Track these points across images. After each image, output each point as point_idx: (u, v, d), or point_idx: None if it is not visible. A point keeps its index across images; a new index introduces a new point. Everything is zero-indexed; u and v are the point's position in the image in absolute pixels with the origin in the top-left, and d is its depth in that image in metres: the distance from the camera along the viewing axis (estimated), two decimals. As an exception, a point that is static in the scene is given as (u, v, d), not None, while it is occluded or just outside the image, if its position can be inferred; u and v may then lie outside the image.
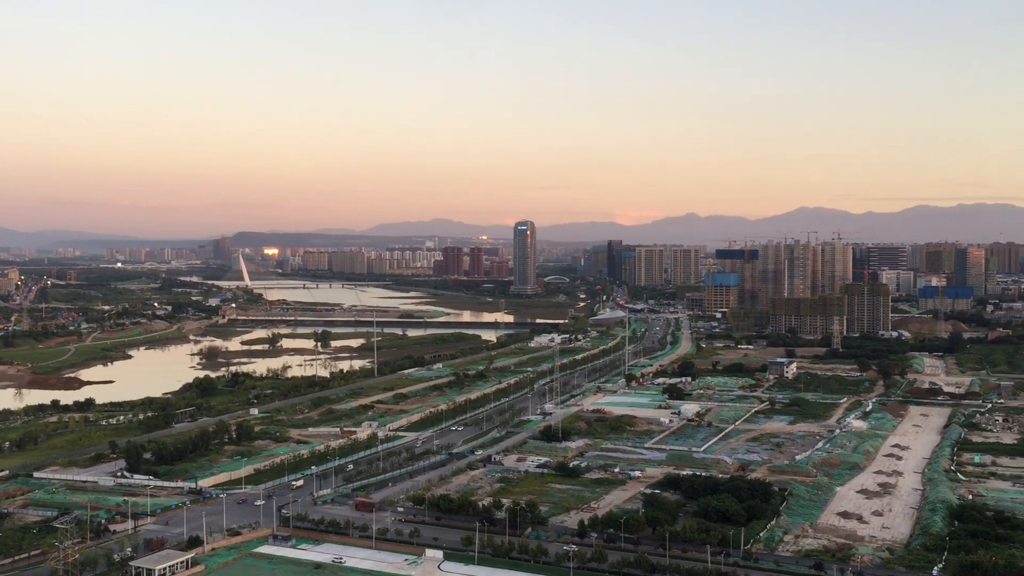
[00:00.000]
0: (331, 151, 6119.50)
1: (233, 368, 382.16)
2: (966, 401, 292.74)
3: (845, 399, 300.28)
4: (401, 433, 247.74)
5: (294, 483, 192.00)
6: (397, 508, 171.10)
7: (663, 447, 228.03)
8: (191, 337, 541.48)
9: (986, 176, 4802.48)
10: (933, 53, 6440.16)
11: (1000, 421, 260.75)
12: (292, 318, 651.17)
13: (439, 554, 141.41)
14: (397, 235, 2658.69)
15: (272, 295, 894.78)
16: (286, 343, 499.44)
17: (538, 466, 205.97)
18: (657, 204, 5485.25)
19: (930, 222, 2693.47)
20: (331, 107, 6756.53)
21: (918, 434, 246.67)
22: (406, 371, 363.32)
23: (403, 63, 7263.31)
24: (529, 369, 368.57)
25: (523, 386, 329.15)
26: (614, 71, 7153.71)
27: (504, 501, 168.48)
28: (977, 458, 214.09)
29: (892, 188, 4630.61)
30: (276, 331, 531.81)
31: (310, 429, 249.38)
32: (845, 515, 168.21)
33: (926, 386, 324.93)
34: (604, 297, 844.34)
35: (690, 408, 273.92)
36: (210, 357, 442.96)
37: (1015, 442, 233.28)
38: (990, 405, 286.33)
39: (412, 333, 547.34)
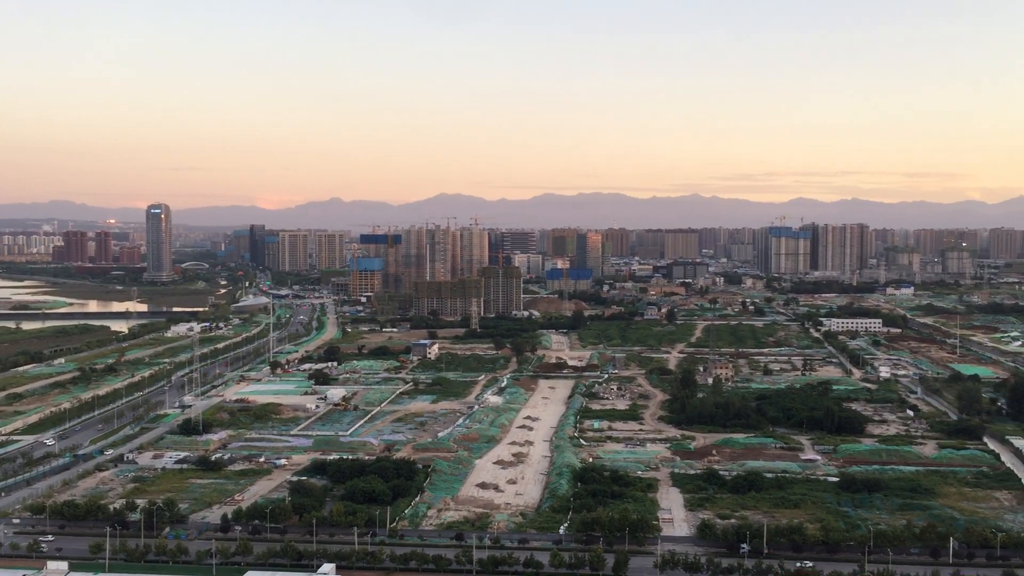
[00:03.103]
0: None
1: None
2: (587, 373, 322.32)
3: (483, 376, 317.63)
4: (16, 437, 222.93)
5: None
6: (12, 520, 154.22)
7: (310, 433, 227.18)
8: None
9: (602, 168, 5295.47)
10: (552, 60, 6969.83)
11: (615, 389, 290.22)
12: None
13: (63, 565, 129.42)
14: (7, 218, 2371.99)
15: None
16: None
17: (176, 462, 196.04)
18: (300, 188, 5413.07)
19: (556, 209, 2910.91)
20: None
21: (547, 405, 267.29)
22: (21, 368, 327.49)
23: (15, 30, 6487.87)
24: (166, 360, 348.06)
25: (159, 378, 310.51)
26: (250, 53, 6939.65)
27: (139, 502, 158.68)
28: (596, 424, 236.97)
29: (522, 177, 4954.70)
30: None
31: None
32: (483, 486, 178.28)
33: (553, 361, 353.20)
34: (247, 283, 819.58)
35: (336, 392, 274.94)
36: None
37: (627, 408, 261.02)
38: (607, 376, 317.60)
39: (28, 326, 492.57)
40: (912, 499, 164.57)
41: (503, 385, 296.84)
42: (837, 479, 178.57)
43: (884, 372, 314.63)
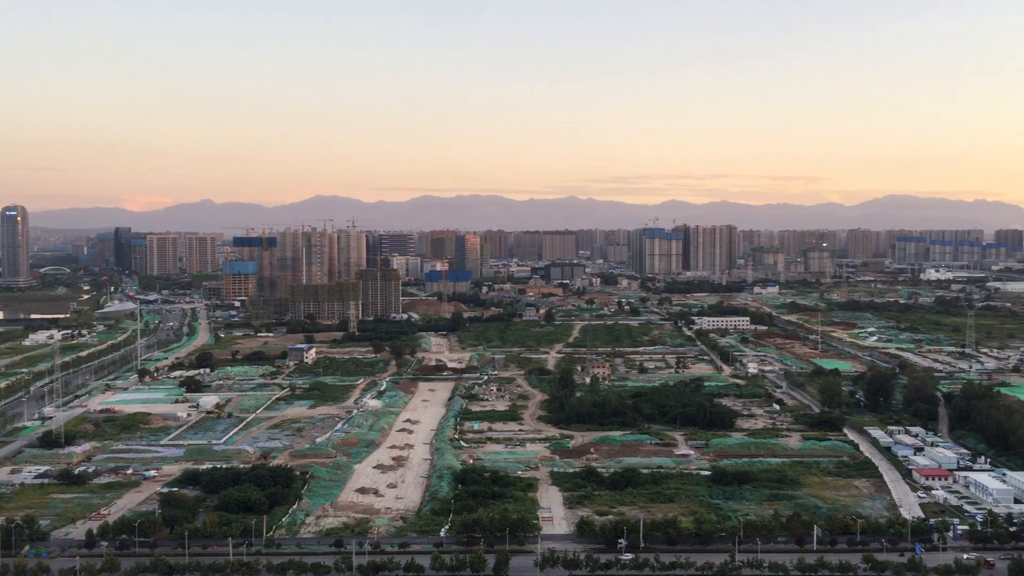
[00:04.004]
0: None
1: None
2: (467, 375, 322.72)
3: (362, 380, 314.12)
4: None
5: None
6: None
7: (181, 442, 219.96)
8: None
9: (480, 170, 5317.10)
10: (426, 62, 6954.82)
11: (495, 390, 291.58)
12: None
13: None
14: None
15: None
16: None
17: (36, 476, 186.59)
18: (169, 190, 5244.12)
19: (434, 211, 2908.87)
20: None
21: (427, 408, 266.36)
22: None
23: None
24: (24, 370, 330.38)
25: (17, 389, 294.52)
26: (116, 49, 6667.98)
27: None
28: (476, 425, 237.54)
29: (400, 179, 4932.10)
30: None
31: None
32: (363, 491, 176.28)
33: (433, 363, 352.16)
34: (112, 288, 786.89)
35: (209, 400, 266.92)
36: None
37: (506, 408, 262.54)
38: (486, 377, 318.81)
39: None
40: (779, 489, 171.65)
41: (382, 388, 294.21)
42: (709, 473, 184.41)
43: (752, 368, 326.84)
